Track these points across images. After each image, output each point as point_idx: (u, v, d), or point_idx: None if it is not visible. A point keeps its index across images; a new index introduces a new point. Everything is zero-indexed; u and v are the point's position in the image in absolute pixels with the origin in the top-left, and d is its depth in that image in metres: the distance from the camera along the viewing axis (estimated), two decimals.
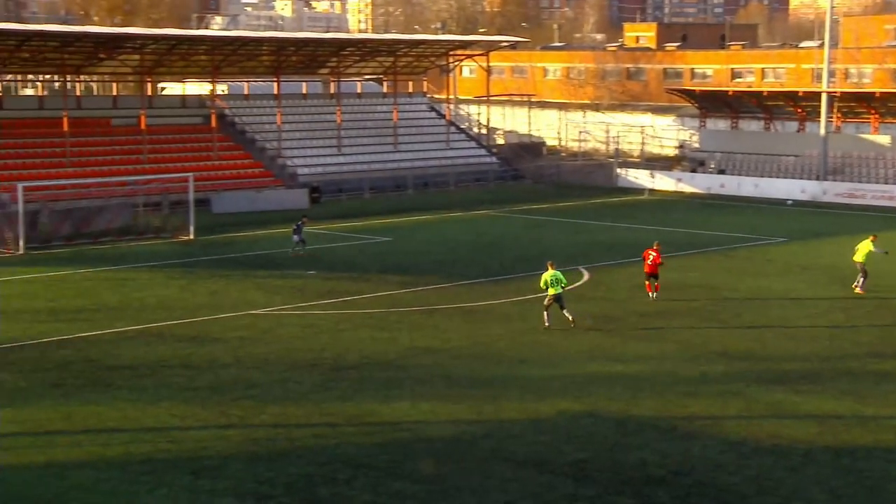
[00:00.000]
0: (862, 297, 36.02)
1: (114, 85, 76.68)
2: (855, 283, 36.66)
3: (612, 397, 24.95)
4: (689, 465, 20.62)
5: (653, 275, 35.19)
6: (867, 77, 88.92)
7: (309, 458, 20.96)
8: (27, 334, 30.60)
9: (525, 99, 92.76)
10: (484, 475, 20.17)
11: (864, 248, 36.76)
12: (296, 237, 44.08)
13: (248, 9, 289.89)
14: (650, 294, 35.23)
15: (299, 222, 44.56)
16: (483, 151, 77.70)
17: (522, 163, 77.88)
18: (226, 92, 76.34)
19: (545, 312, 31.24)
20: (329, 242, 48.63)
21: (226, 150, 66.27)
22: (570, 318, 31.15)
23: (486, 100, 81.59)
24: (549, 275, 31.09)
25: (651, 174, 71.23)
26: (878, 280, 38.54)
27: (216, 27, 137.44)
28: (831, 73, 69.50)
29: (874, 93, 71.03)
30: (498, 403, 24.52)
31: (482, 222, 55.59)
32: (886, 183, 63.74)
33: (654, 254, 35.07)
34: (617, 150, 77.69)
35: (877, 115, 69.26)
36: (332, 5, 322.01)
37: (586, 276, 39.71)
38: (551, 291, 30.95)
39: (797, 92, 74.11)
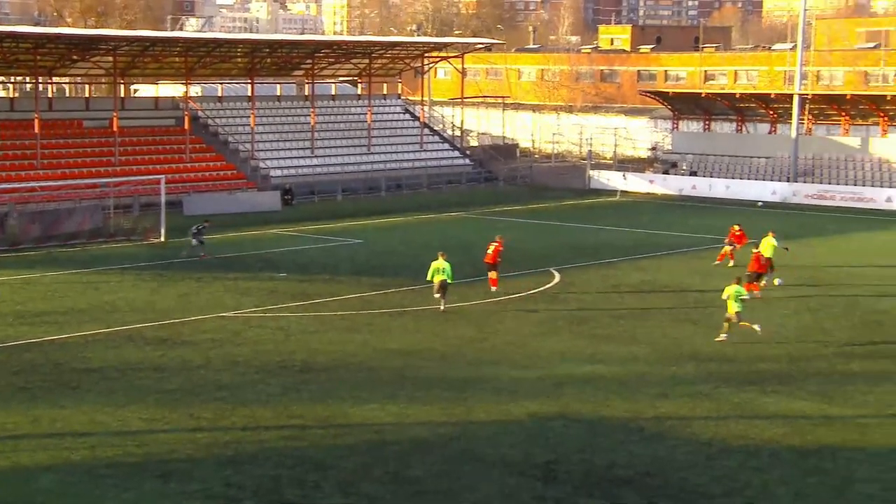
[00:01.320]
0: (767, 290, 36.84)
1: (86, 86, 76.38)
2: (763, 282, 37.42)
3: (583, 399, 25.02)
4: (657, 466, 20.70)
5: (493, 267, 36.28)
6: (838, 80, 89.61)
7: (278, 460, 20.91)
8: None
9: (499, 101, 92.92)
10: (453, 477, 20.17)
11: (768, 244, 38.01)
12: (194, 240, 43.87)
13: (224, 10, 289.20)
14: (492, 288, 36.21)
15: (201, 226, 44.51)
16: (457, 153, 77.75)
17: (496, 165, 78.01)
18: (199, 94, 76.10)
19: (438, 296, 33.54)
20: (301, 245, 48.53)
21: (198, 152, 66.00)
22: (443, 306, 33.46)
23: (460, 102, 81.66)
24: (436, 264, 33.32)
25: (624, 176, 71.49)
26: (848, 280, 38.99)
27: (191, 29, 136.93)
28: (803, 76, 69.90)
29: (845, 95, 71.50)
30: (468, 405, 24.53)
31: (455, 224, 55.61)
32: (856, 184, 64.20)
33: (496, 245, 36.44)
34: (590, 151, 77.94)
35: (847, 118, 69.73)
36: (307, 7, 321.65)
37: (557, 277, 39.78)
38: (438, 278, 33.11)
39: (769, 94, 74.55)
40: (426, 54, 78.22)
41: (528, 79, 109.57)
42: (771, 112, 72.54)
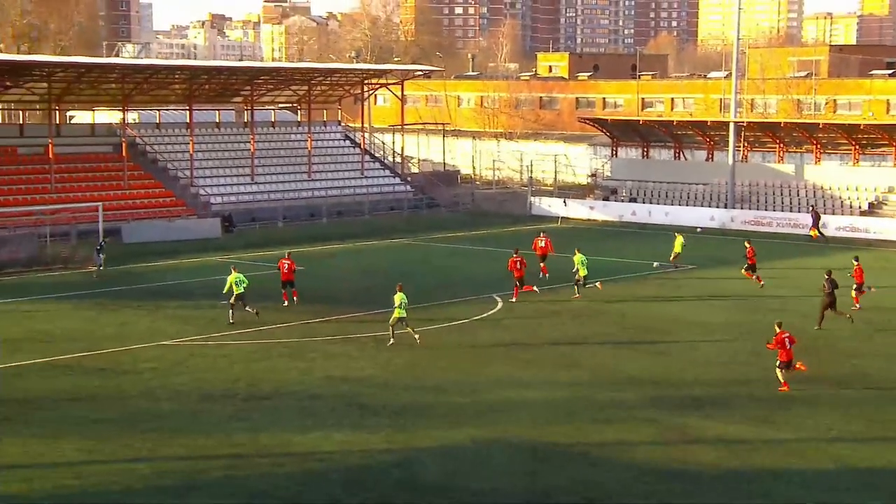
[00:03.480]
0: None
1: (21, 113, 75.40)
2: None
3: (525, 424, 25.05)
4: (599, 491, 20.76)
5: (289, 282, 39.32)
6: (772, 107, 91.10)
7: (216, 490, 20.69)
8: None
9: (439, 128, 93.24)
10: None
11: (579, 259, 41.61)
12: (97, 258, 45.55)
13: (160, 37, 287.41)
14: (285, 302, 38.97)
15: (102, 243, 46.31)
16: (397, 180, 77.81)
17: (437, 191, 78.18)
18: (137, 120, 75.46)
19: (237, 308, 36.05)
20: (242, 272, 48.03)
21: (137, 179, 65.42)
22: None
23: (400, 128, 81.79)
24: (232, 277, 36.17)
25: (564, 202, 71.97)
26: (782, 306, 39.53)
27: (127, 55, 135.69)
28: (738, 104, 70.98)
29: (779, 123, 72.69)
30: (410, 432, 24.46)
31: (397, 251, 55.57)
32: (791, 210, 65.20)
33: (288, 262, 39.42)
34: (531, 178, 78.39)
35: (782, 145, 70.88)
36: (245, 34, 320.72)
37: (500, 303, 39.86)
38: (236, 290, 35.94)
39: (706, 122, 75.54)
40: (366, 81, 78.33)
41: (468, 106, 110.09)
42: (707, 139, 73.54)
